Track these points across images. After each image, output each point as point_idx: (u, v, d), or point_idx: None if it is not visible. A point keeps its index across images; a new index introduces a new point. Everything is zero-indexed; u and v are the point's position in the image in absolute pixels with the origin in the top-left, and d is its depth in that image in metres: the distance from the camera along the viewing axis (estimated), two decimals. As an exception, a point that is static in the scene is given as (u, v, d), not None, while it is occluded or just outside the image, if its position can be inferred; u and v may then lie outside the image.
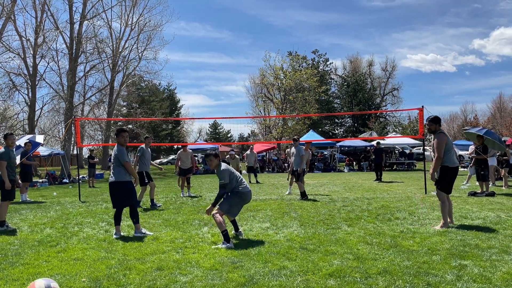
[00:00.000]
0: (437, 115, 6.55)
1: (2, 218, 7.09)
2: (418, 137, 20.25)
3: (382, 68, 58.93)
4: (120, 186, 6.23)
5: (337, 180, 17.45)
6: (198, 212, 8.52)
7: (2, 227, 7.02)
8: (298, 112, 39.24)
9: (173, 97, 56.03)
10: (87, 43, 28.21)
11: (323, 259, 4.67)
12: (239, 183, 5.80)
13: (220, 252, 5.08)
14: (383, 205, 8.93)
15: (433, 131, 6.49)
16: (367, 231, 6.10)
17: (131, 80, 33.70)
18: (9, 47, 25.12)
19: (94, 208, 9.72)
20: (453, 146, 6.56)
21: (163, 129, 50.82)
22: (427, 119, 6.62)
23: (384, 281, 3.88)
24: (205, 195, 12.05)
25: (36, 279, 4.18)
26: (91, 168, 17.33)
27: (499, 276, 3.96)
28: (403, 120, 51.92)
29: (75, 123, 12.33)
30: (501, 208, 8.13)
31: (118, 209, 6.28)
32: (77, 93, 31.21)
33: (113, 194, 6.29)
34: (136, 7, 31.61)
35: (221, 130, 70.69)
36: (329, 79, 56.62)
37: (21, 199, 11.89)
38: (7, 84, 26.50)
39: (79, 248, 5.46)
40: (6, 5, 23.63)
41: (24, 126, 27.11)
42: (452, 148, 6.41)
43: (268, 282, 3.93)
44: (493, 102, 57.96)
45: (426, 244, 5.22)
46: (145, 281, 4.04)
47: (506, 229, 6.05)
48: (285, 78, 41.51)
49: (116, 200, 6.27)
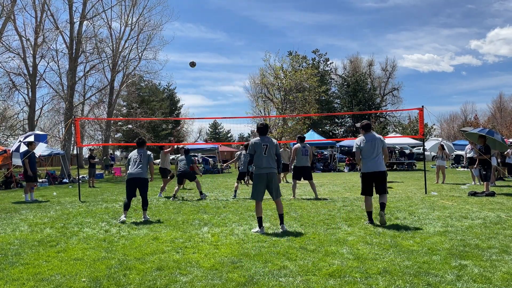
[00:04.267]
0: (366, 122, 6.96)
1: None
2: (418, 137, 20.26)
3: (382, 68, 59.02)
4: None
5: (337, 180, 17.45)
6: (198, 212, 8.52)
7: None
8: (298, 112, 39.22)
9: (173, 97, 56.05)
10: (87, 43, 28.16)
11: (323, 259, 4.67)
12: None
13: (220, 252, 5.08)
14: (383, 205, 8.92)
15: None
16: (367, 231, 6.10)
17: (131, 80, 33.66)
18: (9, 47, 25.09)
19: (94, 208, 9.72)
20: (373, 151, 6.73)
21: (163, 129, 50.81)
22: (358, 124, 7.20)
23: (384, 281, 3.88)
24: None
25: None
26: (91, 168, 17.33)
27: (499, 276, 3.96)
28: (403, 120, 52.06)
29: (75, 123, 12.33)
30: (501, 208, 8.13)
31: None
32: (77, 93, 31.22)
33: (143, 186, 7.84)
34: (136, 7, 31.59)
35: (221, 130, 70.73)
36: (329, 79, 56.61)
37: (25, 199, 11.88)
38: (7, 84, 26.48)
39: (79, 248, 5.46)
40: (6, 5, 23.61)
41: (24, 126, 27.06)
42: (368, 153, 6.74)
43: (268, 282, 3.93)
44: (493, 102, 58.06)
45: (426, 244, 5.22)
46: (145, 281, 4.04)
47: (506, 229, 6.05)
48: (285, 78, 41.49)
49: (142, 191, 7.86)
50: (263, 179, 6.28)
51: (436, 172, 15.50)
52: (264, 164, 6.28)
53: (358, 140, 6.84)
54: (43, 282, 4.09)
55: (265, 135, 6.45)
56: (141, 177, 7.77)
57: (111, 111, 32.88)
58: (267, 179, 6.29)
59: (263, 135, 6.43)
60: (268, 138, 6.41)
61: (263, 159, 6.28)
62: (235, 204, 9.69)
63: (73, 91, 27.03)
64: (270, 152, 6.32)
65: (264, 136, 6.42)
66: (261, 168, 6.28)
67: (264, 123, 6.60)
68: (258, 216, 6.31)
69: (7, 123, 27.28)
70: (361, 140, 6.77)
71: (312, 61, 54.61)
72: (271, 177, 6.31)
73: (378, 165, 6.65)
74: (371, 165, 6.66)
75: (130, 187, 7.80)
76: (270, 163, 6.31)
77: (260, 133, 6.45)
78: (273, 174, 6.33)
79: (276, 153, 6.41)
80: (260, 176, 6.30)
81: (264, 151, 6.28)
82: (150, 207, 9.51)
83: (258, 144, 6.31)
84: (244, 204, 9.65)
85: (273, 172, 6.32)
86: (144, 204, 7.81)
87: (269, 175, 6.29)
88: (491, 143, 11.59)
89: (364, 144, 6.70)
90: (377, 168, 6.64)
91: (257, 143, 6.32)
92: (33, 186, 12.40)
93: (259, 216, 6.30)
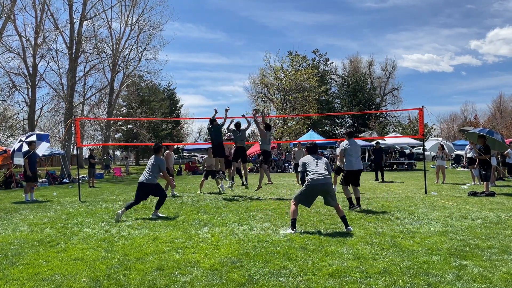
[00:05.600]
0: (350, 130, 8.91)
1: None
2: (418, 137, 20.26)
3: (382, 68, 59.04)
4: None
5: (337, 180, 17.41)
6: (198, 212, 8.52)
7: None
8: (298, 112, 39.23)
9: (173, 97, 56.01)
10: (87, 43, 28.18)
11: (323, 259, 4.67)
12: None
13: (220, 252, 5.08)
14: (383, 205, 8.93)
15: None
16: (367, 231, 6.10)
17: (131, 80, 33.70)
18: (9, 47, 25.10)
19: (94, 208, 9.72)
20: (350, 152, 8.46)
21: (163, 129, 50.79)
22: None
23: (384, 281, 3.88)
24: (205, 195, 12.05)
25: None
26: (91, 168, 17.34)
27: (499, 276, 3.96)
28: (403, 120, 52.07)
29: (75, 123, 12.33)
30: (501, 208, 8.14)
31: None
32: (77, 93, 31.23)
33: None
34: (136, 7, 31.66)
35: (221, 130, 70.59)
36: (329, 79, 56.62)
37: (25, 199, 11.87)
38: (7, 84, 26.50)
39: (79, 248, 5.46)
40: (6, 5, 23.62)
41: (24, 126, 27.08)
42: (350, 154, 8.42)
43: (268, 282, 3.93)
44: (493, 102, 58.05)
45: (426, 244, 5.22)
46: (145, 281, 4.04)
47: (506, 229, 6.05)
48: (285, 78, 41.51)
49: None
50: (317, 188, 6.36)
51: (436, 172, 15.50)
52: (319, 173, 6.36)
53: (344, 143, 8.51)
54: (43, 282, 4.09)
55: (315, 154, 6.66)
56: (149, 183, 8.04)
57: (111, 111, 32.91)
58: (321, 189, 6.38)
59: (313, 153, 6.66)
60: (319, 156, 6.65)
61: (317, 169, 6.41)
62: (235, 204, 9.70)
63: (73, 91, 27.05)
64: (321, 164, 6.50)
65: (314, 155, 6.64)
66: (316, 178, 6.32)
67: (313, 143, 6.82)
68: (292, 218, 6.26)
69: (7, 123, 27.28)
70: (347, 144, 8.45)
71: (312, 61, 54.60)
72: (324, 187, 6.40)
73: (360, 165, 8.52)
74: (355, 164, 8.41)
75: (138, 191, 8.11)
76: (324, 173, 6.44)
77: (310, 152, 6.68)
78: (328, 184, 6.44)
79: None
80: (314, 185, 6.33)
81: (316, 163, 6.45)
82: (150, 207, 9.50)
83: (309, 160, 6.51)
84: (244, 204, 9.65)
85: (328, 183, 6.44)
86: (158, 204, 8.13)
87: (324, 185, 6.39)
88: (491, 143, 11.59)
89: (350, 147, 8.38)
90: (359, 166, 8.50)
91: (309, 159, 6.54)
92: (33, 186, 12.40)
93: (293, 218, 6.26)
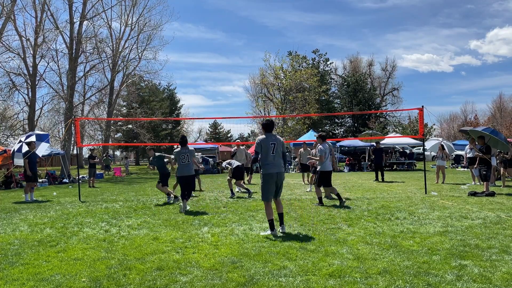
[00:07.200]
0: (323, 133, 9.78)
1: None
2: (418, 137, 20.26)
3: (382, 68, 59.03)
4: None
5: (337, 180, 17.43)
6: (198, 212, 8.52)
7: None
8: (298, 112, 39.24)
9: (173, 97, 56.03)
10: (87, 43, 28.19)
11: (323, 259, 4.67)
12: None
13: (220, 252, 5.08)
14: (383, 205, 8.93)
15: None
16: (367, 231, 6.10)
17: (131, 80, 33.69)
18: (9, 47, 25.12)
19: (94, 208, 9.72)
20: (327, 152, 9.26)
21: (163, 129, 50.82)
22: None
23: (384, 281, 3.88)
24: (205, 195, 12.04)
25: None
26: (92, 168, 17.33)
27: (499, 276, 3.96)
28: (403, 120, 52.03)
29: (75, 123, 12.34)
30: (501, 208, 8.13)
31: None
32: (77, 93, 31.22)
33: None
34: (136, 7, 31.67)
35: (221, 130, 70.64)
36: (329, 79, 56.62)
37: (25, 199, 11.87)
38: (7, 84, 26.50)
39: (79, 248, 5.46)
40: (6, 5, 23.63)
41: (24, 126, 27.09)
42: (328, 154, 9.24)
43: (268, 282, 3.93)
44: (493, 102, 58.06)
45: (426, 244, 5.22)
46: (145, 281, 4.04)
47: (506, 229, 6.05)
48: (285, 78, 41.52)
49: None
50: (273, 178, 6.03)
51: (436, 172, 15.50)
52: (273, 163, 6.01)
53: (323, 146, 9.17)
54: (43, 282, 4.09)
55: (271, 133, 6.15)
56: (191, 174, 9.16)
57: (111, 111, 32.91)
58: (276, 179, 6.06)
59: (269, 132, 6.12)
60: (275, 136, 6.12)
61: (272, 158, 6.00)
62: (235, 204, 9.69)
63: (73, 91, 27.05)
64: (278, 151, 6.07)
65: (270, 134, 6.10)
66: (270, 167, 6.01)
67: (270, 120, 6.27)
68: (269, 219, 5.97)
69: (7, 123, 27.28)
70: (326, 147, 9.20)
71: (312, 61, 54.64)
72: (280, 177, 6.09)
73: (330, 166, 9.35)
74: (328, 165, 9.26)
75: (184, 183, 9.03)
76: (279, 162, 6.08)
77: (266, 130, 6.13)
78: (282, 174, 6.12)
79: (283, 151, 6.17)
80: (270, 176, 6.02)
81: (272, 150, 6.00)
82: (150, 207, 9.52)
83: (265, 142, 6.02)
84: (244, 204, 9.65)
85: (282, 172, 6.11)
86: (188, 196, 9.08)
87: (278, 174, 6.07)
88: (494, 143, 11.56)
89: (327, 150, 9.19)
90: (331, 167, 9.34)
91: (263, 141, 6.02)
92: (33, 186, 12.40)
93: (270, 219, 5.97)
